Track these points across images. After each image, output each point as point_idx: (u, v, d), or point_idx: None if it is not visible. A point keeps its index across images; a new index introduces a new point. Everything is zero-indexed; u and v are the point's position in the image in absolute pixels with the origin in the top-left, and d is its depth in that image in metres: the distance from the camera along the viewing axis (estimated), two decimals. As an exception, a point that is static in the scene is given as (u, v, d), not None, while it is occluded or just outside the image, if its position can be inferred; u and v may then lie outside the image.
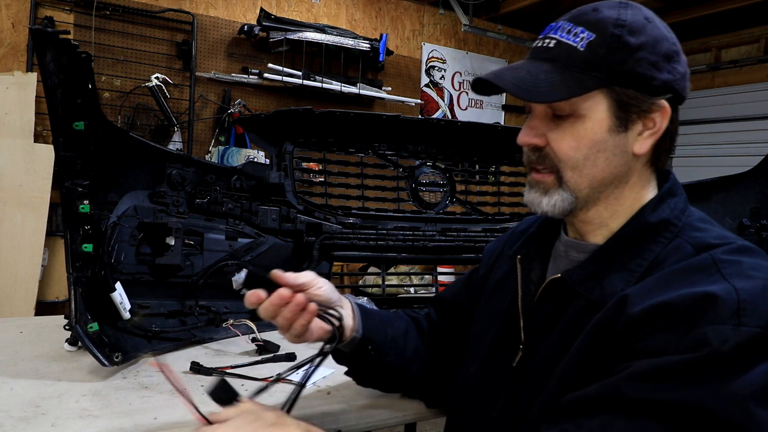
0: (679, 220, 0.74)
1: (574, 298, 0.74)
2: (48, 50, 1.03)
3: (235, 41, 3.84)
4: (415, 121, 1.64)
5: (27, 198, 2.90)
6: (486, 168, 1.82)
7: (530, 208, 0.79)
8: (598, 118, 0.72)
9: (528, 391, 0.75)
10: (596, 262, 0.76)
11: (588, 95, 0.71)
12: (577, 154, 0.73)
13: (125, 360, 1.12)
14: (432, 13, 4.74)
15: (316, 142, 1.58)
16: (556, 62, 0.73)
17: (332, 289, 0.90)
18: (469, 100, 5.00)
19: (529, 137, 0.77)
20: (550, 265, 0.85)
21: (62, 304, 3.08)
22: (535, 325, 0.79)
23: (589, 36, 0.71)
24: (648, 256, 0.72)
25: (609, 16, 0.71)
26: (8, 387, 1.01)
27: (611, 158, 0.73)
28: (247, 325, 1.33)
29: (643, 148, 0.74)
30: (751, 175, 1.75)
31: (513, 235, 0.98)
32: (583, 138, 0.73)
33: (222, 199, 1.42)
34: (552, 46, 0.74)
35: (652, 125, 0.73)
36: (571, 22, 0.73)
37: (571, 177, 0.75)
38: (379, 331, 0.94)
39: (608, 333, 0.66)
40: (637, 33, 0.70)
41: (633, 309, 0.64)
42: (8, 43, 3.20)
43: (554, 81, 0.71)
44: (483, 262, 1.02)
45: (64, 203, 1.12)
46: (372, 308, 1.01)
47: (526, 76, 0.73)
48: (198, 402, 0.99)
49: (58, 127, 1.08)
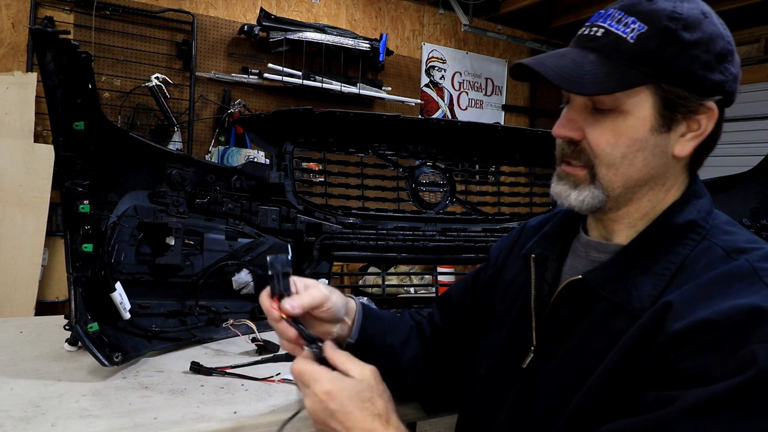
0: (706, 222, 0.71)
1: (596, 301, 0.71)
2: (48, 50, 1.03)
3: (235, 41, 3.84)
4: (415, 121, 1.64)
5: (27, 198, 2.90)
6: (486, 168, 1.82)
7: (556, 200, 0.76)
8: (642, 116, 0.69)
9: (539, 395, 0.73)
10: (620, 263, 0.72)
11: (633, 91, 0.68)
12: (615, 152, 0.70)
13: (125, 360, 1.12)
14: (432, 13, 4.74)
15: (316, 142, 1.58)
16: (603, 53, 0.69)
17: (343, 305, 0.87)
18: (469, 100, 5.00)
19: (565, 129, 0.73)
20: (566, 264, 0.82)
21: (62, 304, 3.08)
22: (549, 327, 0.76)
23: (640, 27, 0.67)
24: (675, 258, 0.69)
25: (664, 8, 0.67)
26: (8, 387, 1.01)
27: (650, 158, 0.70)
28: (247, 325, 1.33)
29: (684, 151, 0.71)
30: (751, 175, 1.75)
31: (524, 233, 0.95)
32: (623, 135, 0.69)
33: (222, 199, 1.42)
34: (600, 35, 0.70)
35: (696, 127, 0.70)
36: (623, 11, 0.69)
37: (605, 174, 0.71)
38: (376, 338, 0.93)
39: (646, 346, 0.63)
40: (692, 28, 0.66)
41: (675, 324, 0.61)
42: (8, 43, 3.20)
43: (599, 73, 0.67)
44: (490, 262, 0.99)
45: (64, 203, 1.12)
46: (377, 311, 0.99)
47: (570, 65, 0.69)
48: (198, 402, 0.99)
49: (58, 127, 1.08)
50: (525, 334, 0.78)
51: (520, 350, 0.78)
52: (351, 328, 0.91)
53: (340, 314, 0.87)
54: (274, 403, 1.00)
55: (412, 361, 0.96)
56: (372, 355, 0.90)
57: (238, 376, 1.11)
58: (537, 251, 0.84)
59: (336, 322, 0.88)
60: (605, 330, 0.69)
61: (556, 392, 0.71)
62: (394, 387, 0.95)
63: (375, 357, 0.89)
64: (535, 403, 0.73)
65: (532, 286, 0.81)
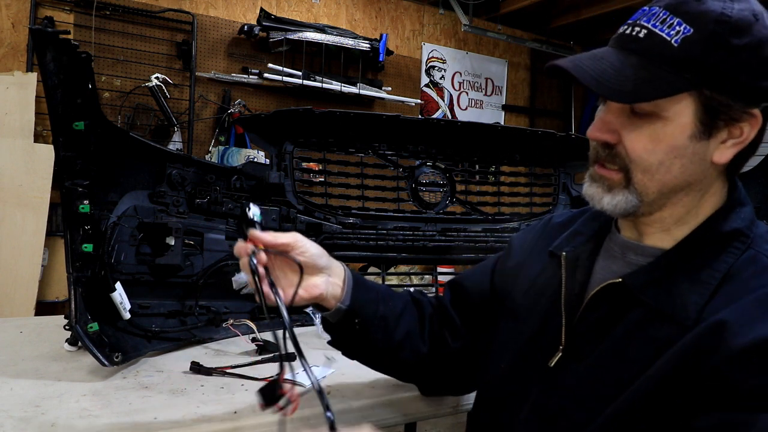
0: (750, 230, 0.70)
1: (634, 305, 0.70)
2: (48, 50, 1.03)
3: (235, 41, 3.84)
4: (415, 121, 1.64)
5: (27, 198, 2.90)
6: (486, 168, 1.82)
7: (588, 201, 0.75)
8: (682, 123, 0.66)
9: (568, 394, 0.72)
10: (662, 267, 0.70)
11: (674, 97, 0.65)
12: (652, 158, 0.67)
13: (125, 360, 1.12)
14: (432, 13, 4.74)
15: (316, 142, 1.58)
16: (645, 56, 0.66)
17: (320, 255, 0.85)
18: (469, 100, 5.00)
19: (600, 132, 0.71)
20: (598, 264, 0.80)
21: (62, 304, 3.08)
22: (581, 328, 0.74)
23: (686, 30, 0.64)
24: (721, 267, 0.67)
25: (713, 10, 0.63)
26: (8, 387, 1.01)
27: (687, 165, 0.68)
28: (247, 325, 1.33)
29: (723, 158, 0.68)
30: (751, 175, 1.75)
31: (548, 229, 0.93)
32: (661, 141, 0.67)
33: (222, 199, 1.42)
34: (642, 36, 0.66)
35: (738, 134, 0.67)
36: (668, 10, 0.66)
37: (640, 180, 0.69)
38: (369, 306, 0.89)
39: (701, 363, 0.61)
40: (741, 32, 0.63)
41: (734, 342, 0.59)
42: (8, 43, 3.20)
43: (639, 79, 0.64)
44: (511, 254, 0.97)
45: (64, 203, 1.12)
46: (370, 281, 0.96)
47: (609, 70, 0.66)
48: (198, 402, 0.99)
49: (58, 127, 1.08)
50: (553, 333, 0.77)
51: (546, 348, 0.77)
52: (342, 290, 0.88)
53: (318, 262, 0.85)
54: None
55: (407, 336, 0.93)
56: (364, 323, 0.89)
57: (238, 376, 1.11)
58: (567, 249, 0.82)
59: (317, 271, 0.85)
60: (646, 336, 0.67)
61: (588, 393, 0.70)
62: (387, 361, 0.95)
63: (367, 326, 0.89)
64: (564, 403, 0.72)
65: (563, 285, 0.79)
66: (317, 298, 0.85)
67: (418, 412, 1.10)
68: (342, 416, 1.01)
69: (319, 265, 0.85)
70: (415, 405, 1.09)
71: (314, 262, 0.84)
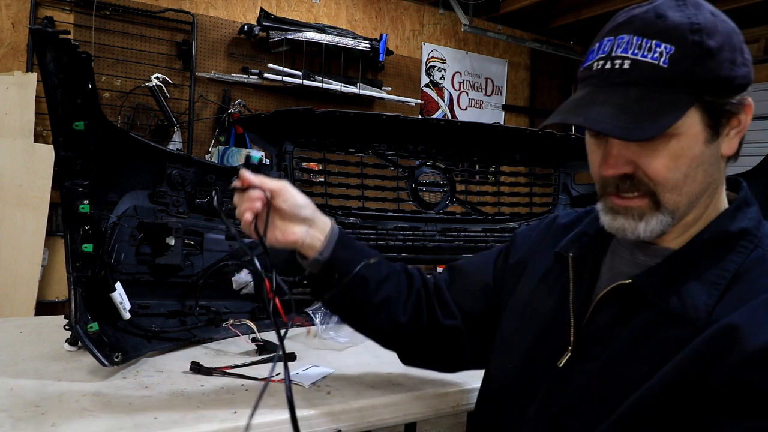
0: (758, 230, 0.71)
1: (644, 306, 0.70)
2: (48, 50, 1.03)
3: (235, 41, 3.84)
4: (415, 121, 1.64)
5: (27, 198, 2.90)
6: (486, 168, 1.82)
7: (620, 235, 0.73)
8: (694, 133, 0.67)
9: (578, 394, 0.72)
10: (671, 268, 0.71)
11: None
12: (677, 175, 0.68)
13: (125, 360, 1.12)
14: (432, 13, 4.74)
15: (316, 142, 1.58)
16: (641, 86, 0.66)
17: (304, 206, 0.90)
18: (469, 100, 5.00)
19: (616, 168, 0.69)
20: (606, 265, 0.80)
21: (62, 304, 3.08)
22: (590, 328, 0.75)
23: (668, 49, 0.65)
24: (729, 267, 0.68)
25: (681, 22, 0.65)
26: (8, 387, 1.01)
27: (708, 169, 0.69)
28: (247, 325, 1.33)
29: (732, 148, 0.71)
30: (751, 175, 1.74)
31: (553, 229, 0.93)
32: (682, 156, 0.67)
33: (222, 199, 1.42)
34: (627, 67, 0.66)
35: (737, 124, 0.70)
36: (640, 35, 0.66)
37: (670, 198, 0.69)
38: (349, 264, 0.92)
39: (715, 367, 0.61)
40: (713, 34, 0.65)
41: (749, 344, 0.59)
42: (8, 43, 3.20)
43: (651, 109, 0.64)
44: (514, 249, 0.97)
45: (64, 203, 1.12)
46: (359, 244, 0.99)
47: (618, 112, 0.65)
48: (198, 402, 0.99)
49: (58, 127, 1.08)
50: (561, 333, 0.77)
51: (554, 348, 0.77)
52: (323, 244, 0.91)
53: (301, 212, 0.90)
54: (274, 403, 1.00)
55: (386, 301, 0.94)
56: (342, 279, 0.91)
57: (238, 376, 1.11)
58: (574, 250, 0.82)
59: (298, 221, 0.90)
60: (656, 338, 0.67)
61: (599, 394, 0.70)
62: (363, 320, 0.98)
63: (346, 283, 0.92)
64: (573, 403, 0.72)
65: (571, 286, 0.79)
66: (292, 243, 0.91)
67: (418, 412, 1.10)
68: (342, 416, 1.01)
69: (301, 215, 0.90)
70: (415, 405, 1.09)
71: (295, 211, 0.89)
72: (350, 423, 1.02)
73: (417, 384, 1.14)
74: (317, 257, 0.91)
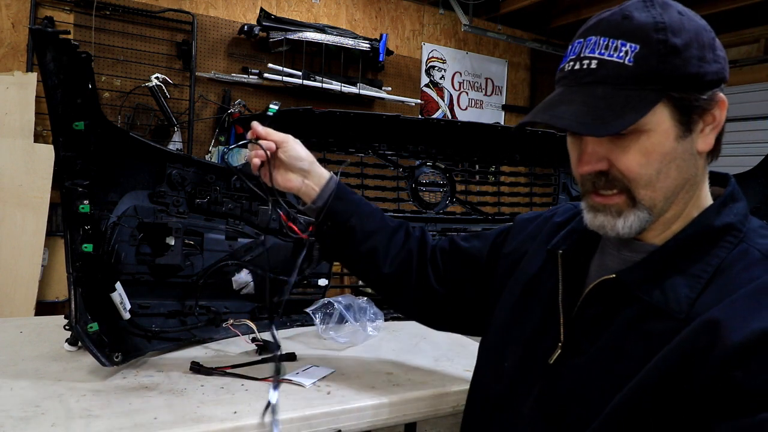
0: (743, 225, 0.71)
1: (629, 301, 0.71)
2: (48, 50, 1.03)
3: (235, 41, 3.84)
4: (415, 121, 1.64)
5: (27, 198, 2.90)
6: (486, 168, 1.82)
7: (602, 232, 0.75)
8: (663, 129, 0.68)
9: (569, 391, 0.73)
10: (655, 263, 0.72)
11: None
12: (649, 171, 0.69)
13: (125, 360, 1.12)
14: (432, 13, 4.74)
15: (316, 142, 1.58)
16: (607, 84, 0.68)
17: (302, 159, 1.03)
18: (469, 100, 5.00)
19: (590, 165, 0.72)
20: (594, 262, 0.82)
21: (62, 304, 3.08)
22: (579, 324, 0.76)
23: (633, 48, 0.66)
24: (713, 261, 0.69)
25: (646, 22, 0.67)
26: (8, 387, 1.01)
27: (682, 165, 0.70)
28: (247, 325, 1.33)
29: (707, 145, 0.71)
30: (751, 175, 1.75)
31: (548, 225, 0.94)
32: (653, 153, 0.69)
33: (222, 199, 1.42)
34: (594, 66, 0.68)
35: (711, 120, 0.70)
36: (606, 36, 0.68)
37: (644, 194, 0.70)
38: (340, 215, 1.04)
39: (697, 363, 0.61)
40: (678, 32, 0.67)
41: (731, 337, 0.59)
42: (8, 43, 3.20)
43: (616, 106, 0.66)
44: (511, 237, 0.99)
45: (64, 203, 1.11)
46: (357, 197, 1.09)
47: (584, 109, 0.68)
48: (198, 402, 0.99)
49: (58, 127, 1.08)
50: (552, 330, 0.78)
51: (546, 345, 0.78)
52: (317, 194, 1.04)
53: (297, 164, 1.03)
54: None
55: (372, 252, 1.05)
56: (333, 228, 1.04)
57: (238, 376, 1.11)
58: (564, 248, 0.83)
59: (296, 171, 1.03)
60: (641, 331, 0.68)
61: (589, 390, 0.70)
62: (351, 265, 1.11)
63: (335, 231, 1.04)
64: (566, 399, 0.73)
65: (560, 282, 0.80)
66: (291, 189, 1.04)
67: (418, 412, 1.10)
68: (342, 416, 1.01)
69: (297, 166, 1.03)
70: (415, 405, 1.09)
71: (293, 162, 1.03)
72: (350, 423, 1.02)
73: (417, 384, 1.14)
74: (311, 205, 1.05)
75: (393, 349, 1.36)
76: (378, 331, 1.43)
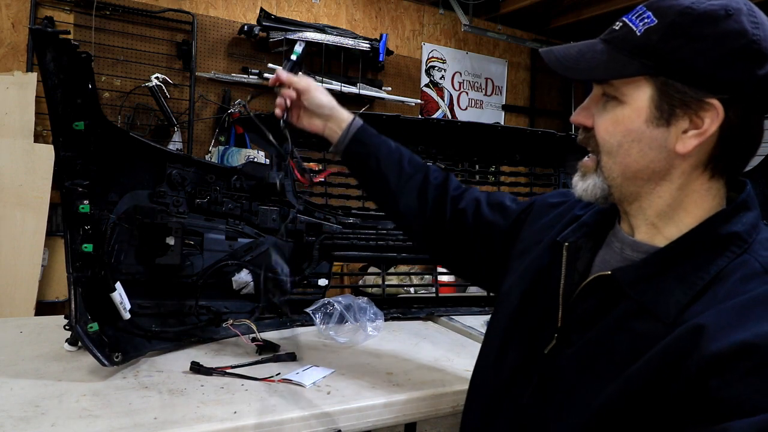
0: (749, 235, 0.68)
1: (622, 299, 0.71)
2: (48, 50, 1.03)
3: (235, 41, 3.84)
4: (415, 121, 1.64)
5: (27, 198, 2.90)
6: (486, 168, 1.82)
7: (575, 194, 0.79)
8: (638, 107, 0.69)
9: (560, 382, 0.73)
10: (653, 265, 0.71)
11: (633, 81, 0.69)
12: (612, 140, 0.72)
13: (125, 360, 1.13)
14: (432, 13, 4.74)
15: (316, 142, 1.58)
16: (612, 44, 0.71)
17: (323, 106, 1.09)
18: (469, 100, 5.00)
19: (578, 116, 0.77)
20: (599, 257, 0.81)
21: (62, 304, 3.08)
22: (573, 316, 0.76)
23: (651, 21, 0.68)
24: (711, 269, 0.67)
25: (681, 4, 0.67)
26: (8, 387, 1.01)
27: (646, 151, 0.70)
28: (247, 325, 1.33)
29: (685, 148, 0.68)
30: (751, 175, 1.75)
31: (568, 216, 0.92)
32: (620, 124, 0.71)
33: (222, 199, 1.42)
34: (617, 28, 0.72)
35: (697, 125, 0.67)
36: (646, 7, 0.70)
37: (606, 162, 0.73)
38: (359, 156, 1.11)
39: (678, 368, 0.61)
40: (704, 23, 0.65)
41: (711, 346, 0.58)
42: (8, 43, 3.20)
43: (598, 61, 0.70)
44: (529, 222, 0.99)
45: (64, 203, 1.12)
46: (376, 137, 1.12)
47: (574, 54, 0.73)
48: (198, 402, 0.99)
49: (58, 127, 1.08)
50: (551, 320, 0.79)
51: (544, 335, 0.78)
52: (338, 136, 1.10)
53: (318, 111, 1.10)
54: (274, 403, 1.00)
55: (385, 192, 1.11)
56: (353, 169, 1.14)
57: (238, 376, 1.11)
58: (571, 239, 0.83)
59: (318, 117, 1.11)
60: (627, 329, 0.68)
61: (576, 382, 0.71)
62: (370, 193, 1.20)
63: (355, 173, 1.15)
64: (556, 390, 0.73)
65: (563, 274, 0.80)
66: (315, 131, 1.13)
67: (418, 412, 1.10)
68: (342, 416, 1.01)
69: (318, 112, 1.11)
70: (415, 405, 1.09)
71: (314, 109, 1.11)
72: (350, 423, 1.02)
73: (417, 384, 1.14)
74: (333, 148, 1.13)
75: (393, 349, 1.36)
76: (378, 331, 1.43)
